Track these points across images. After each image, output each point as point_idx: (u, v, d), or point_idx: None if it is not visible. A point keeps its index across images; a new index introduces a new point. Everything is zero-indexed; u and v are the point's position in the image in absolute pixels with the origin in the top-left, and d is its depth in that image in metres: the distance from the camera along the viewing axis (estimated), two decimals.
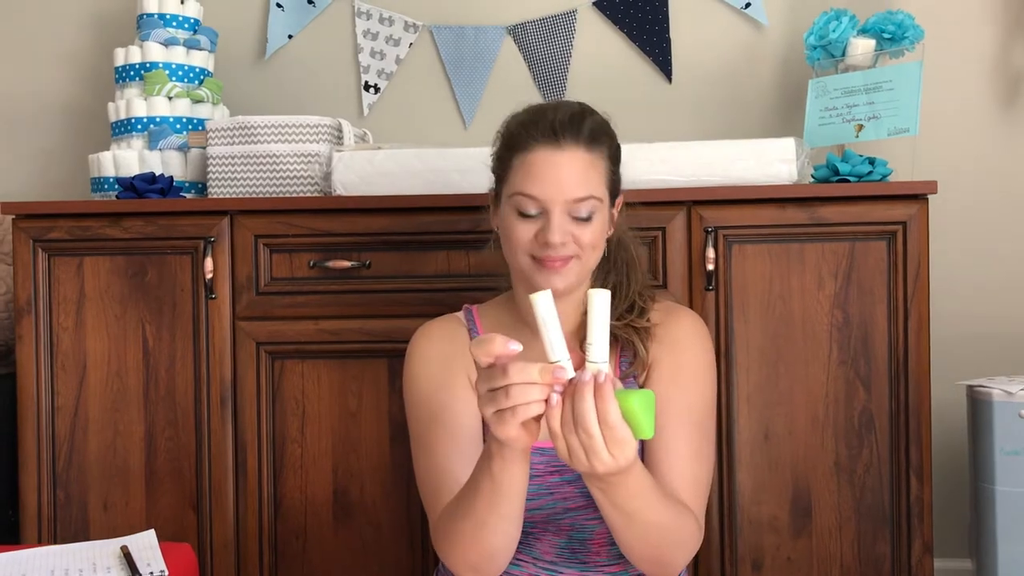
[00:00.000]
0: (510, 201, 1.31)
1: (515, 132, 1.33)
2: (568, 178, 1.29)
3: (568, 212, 1.29)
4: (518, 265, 1.33)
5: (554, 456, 1.30)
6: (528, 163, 1.30)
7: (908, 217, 1.70)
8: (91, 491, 1.82)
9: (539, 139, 1.30)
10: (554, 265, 1.30)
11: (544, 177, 1.28)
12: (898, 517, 1.71)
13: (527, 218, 1.30)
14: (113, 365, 1.81)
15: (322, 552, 1.80)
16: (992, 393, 1.75)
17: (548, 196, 1.28)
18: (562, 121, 1.30)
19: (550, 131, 1.29)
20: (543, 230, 1.29)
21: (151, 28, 2.09)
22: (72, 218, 1.82)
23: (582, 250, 1.31)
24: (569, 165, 1.29)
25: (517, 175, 1.31)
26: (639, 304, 1.40)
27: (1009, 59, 2.18)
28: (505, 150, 1.35)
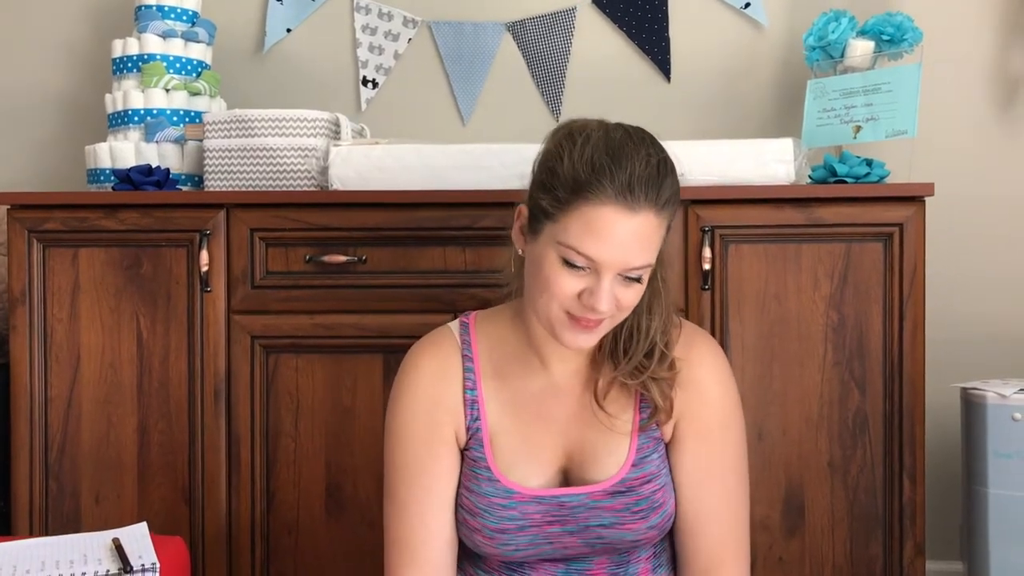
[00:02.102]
0: (557, 248, 1.17)
1: (584, 175, 1.16)
2: (632, 245, 1.16)
3: (620, 274, 1.18)
4: (546, 313, 1.20)
5: (552, 505, 1.25)
6: (593, 218, 1.15)
7: (905, 219, 1.70)
8: (83, 483, 1.81)
9: (612, 195, 1.14)
10: (588, 325, 1.19)
11: (608, 240, 1.15)
12: (891, 518, 1.71)
13: (572, 270, 1.17)
14: (107, 357, 1.81)
15: (314, 547, 1.79)
16: (986, 396, 1.75)
17: (606, 260, 1.15)
18: (642, 179, 1.15)
19: (627, 189, 1.14)
20: (589, 292, 1.17)
21: (149, 20, 2.08)
22: (68, 209, 1.81)
23: (620, 312, 1.21)
24: (639, 231, 1.16)
25: (575, 225, 1.16)
26: (660, 348, 1.27)
27: (1007, 63, 2.19)
28: (566, 189, 1.17)
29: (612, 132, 1.21)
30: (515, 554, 1.27)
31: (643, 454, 1.28)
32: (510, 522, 1.25)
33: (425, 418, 1.29)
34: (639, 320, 1.27)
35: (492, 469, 1.27)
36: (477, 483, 1.27)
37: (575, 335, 1.20)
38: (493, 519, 1.25)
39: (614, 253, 1.15)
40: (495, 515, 1.25)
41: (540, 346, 1.30)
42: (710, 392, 1.30)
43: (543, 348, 1.30)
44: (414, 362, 1.33)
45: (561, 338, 1.21)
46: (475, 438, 1.29)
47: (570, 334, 1.20)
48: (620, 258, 1.16)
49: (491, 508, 1.26)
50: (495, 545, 1.26)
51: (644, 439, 1.28)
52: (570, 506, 1.26)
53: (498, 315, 1.36)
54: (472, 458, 1.29)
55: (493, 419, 1.29)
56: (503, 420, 1.30)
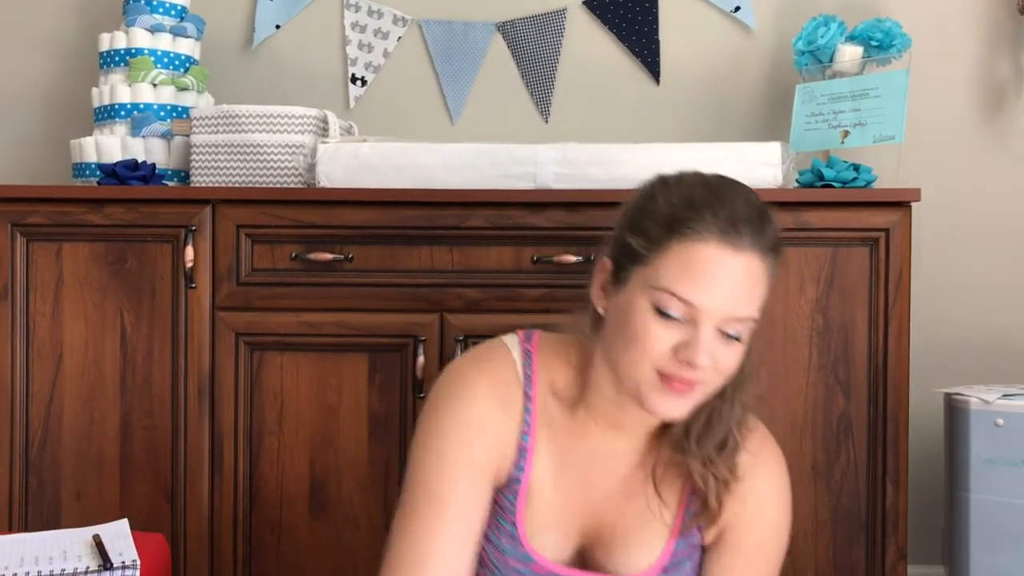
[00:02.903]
0: (650, 294, 1.06)
1: (682, 211, 1.07)
2: (738, 290, 1.05)
3: (720, 328, 1.06)
4: (634, 375, 1.08)
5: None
6: (694, 258, 1.04)
7: (891, 224, 1.70)
8: (64, 479, 1.80)
9: (715, 230, 1.04)
10: (681, 389, 1.06)
11: (711, 282, 1.04)
12: (873, 522, 1.72)
13: (667, 321, 1.05)
14: (90, 353, 1.80)
15: (297, 546, 1.78)
16: (969, 401, 1.76)
17: (708, 307, 1.04)
18: (746, 216, 1.06)
19: (730, 224, 1.05)
20: (686, 345, 1.05)
21: (137, 14, 2.07)
22: (52, 203, 1.80)
23: (716, 376, 1.08)
24: (743, 274, 1.05)
25: (672, 266, 1.05)
26: (733, 439, 1.15)
27: (993, 70, 2.20)
28: (659, 228, 1.07)
29: (707, 176, 1.14)
30: None
31: (678, 559, 1.18)
32: None
33: (473, 449, 1.14)
34: (720, 406, 1.15)
35: (518, 527, 1.16)
36: (497, 536, 1.16)
37: (665, 400, 1.07)
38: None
39: (716, 297, 1.04)
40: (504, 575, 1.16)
41: (603, 408, 1.17)
42: (768, 509, 1.19)
43: (606, 411, 1.17)
44: (471, 386, 1.16)
45: (649, 403, 1.08)
46: (511, 488, 1.16)
47: (660, 398, 1.07)
48: (722, 304, 1.04)
49: (504, 567, 1.16)
50: None
51: (682, 544, 1.18)
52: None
53: (564, 351, 1.20)
54: (501, 506, 1.17)
55: (537, 475, 1.16)
56: (545, 478, 1.17)
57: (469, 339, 1.74)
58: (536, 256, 1.74)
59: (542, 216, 1.74)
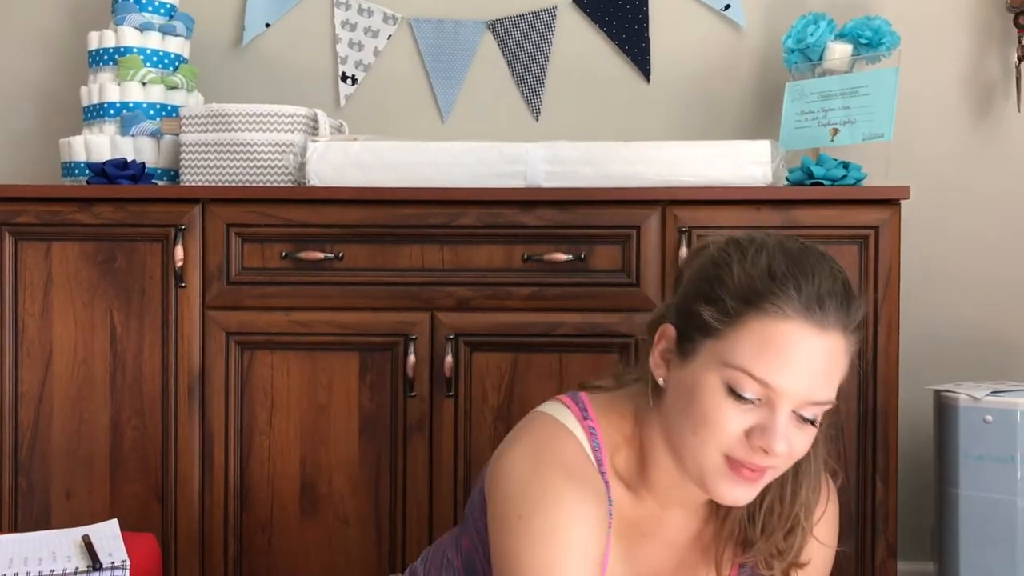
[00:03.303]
0: (722, 372, 0.98)
1: (762, 284, 0.98)
2: (819, 372, 0.97)
3: (796, 410, 0.98)
4: (700, 459, 1.00)
5: None
6: (775, 335, 0.96)
7: (880, 222, 1.71)
8: (54, 479, 1.79)
9: (799, 308, 0.96)
10: (751, 477, 0.99)
11: (792, 363, 0.96)
12: (863, 519, 1.72)
13: (740, 403, 0.98)
14: (80, 352, 1.79)
15: (288, 545, 1.78)
16: (959, 398, 1.77)
17: (788, 389, 0.96)
18: (831, 292, 0.98)
19: (815, 301, 0.97)
20: (761, 430, 0.97)
21: (126, 12, 2.06)
22: (41, 202, 1.79)
23: (788, 461, 1.01)
24: (826, 356, 0.97)
25: (749, 344, 0.97)
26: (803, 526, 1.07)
27: (982, 68, 2.20)
28: (738, 299, 0.99)
29: (788, 242, 1.04)
30: None
31: None
32: None
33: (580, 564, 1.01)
34: (784, 491, 1.07)
35: None
36: None
37: (732, 487, 0.99)
38: None
39: (796, 380, 0.96)
40: None
41: (664, 487, 1.09)
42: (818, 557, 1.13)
43: (667, 490, 1.09)
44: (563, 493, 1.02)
45: (713, 490, 1.00)
46: None
47: (727, 486, 0.99)
48: (802, 387, 0.96)
49: None
50: None
51: None
52: None
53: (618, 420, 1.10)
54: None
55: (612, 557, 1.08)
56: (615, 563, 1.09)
57: (460, 337, 1.74)
58: (527, 254, 1.74)
59: (532, 214, 1.74)
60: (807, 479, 1.07)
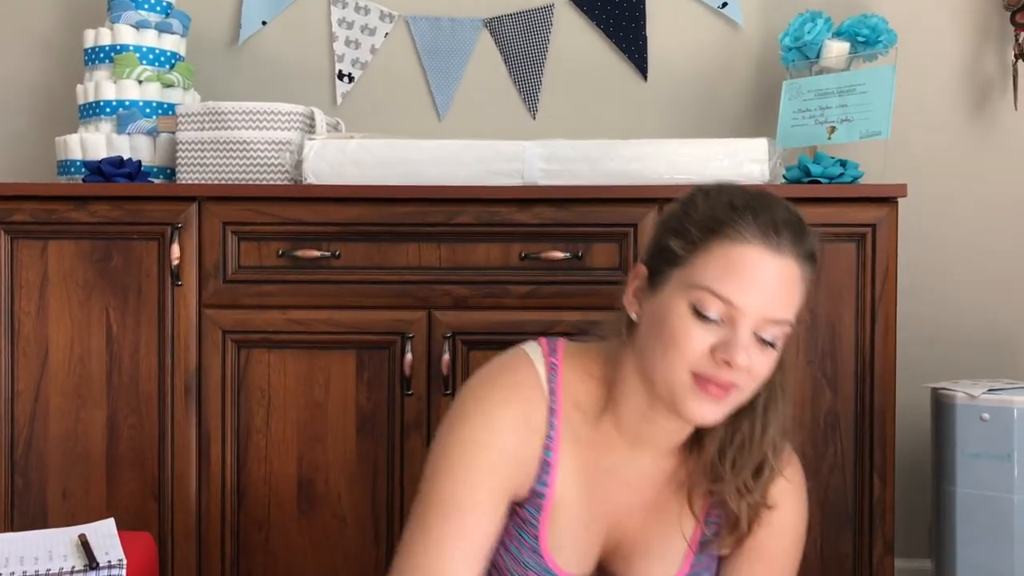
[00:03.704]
0: (688, 294, 1.07)
1: (722, 214, 1.09)
2: (776, 291, 1.06)
3: (756, 330, 1.07)
4: (669, 378, 1.08)
5: None
6: (734, 258, 1.06)
7: (878, 220, 1.71)
8: (50, 478, 1.79)
9: (756, 232, 1.06)
10: (717, 393, 1.07)
11: (751, 282, 1.05)
12: (861, 517, 1.72)
13: (705, 322, 1.06)
14: (76, 351, 1.79)
15: (285, 543, 1.78)
16: (956, 396, 1.77)
17: (748, 306, 1.05)
18: (787, 222, 1.09)
19: (771, 228, 1.07)
20: (724, 345, 1.05)
21: (122, 10, 2.06)
22: (37, 201, 1.79)
23: (751, 381, 1.08)
24: (781, 277, 1.07)
25: (712, 267, 1.06)
26: (769, 466, 1.15)
27: (979, 66, 2.21)
28: (699, 230, 1.09)
29: (746, 186, 1.16)
30: None
31: (695, 572, 1.20)
32: None
33: (491, 466, 1.13)
34: (754, 427, 1.15)
35: (540, 542, 1.15)
36: (519, 548, 1.16)
37: (700, 404, 1.07)
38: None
39: (755, 298, 1.05)
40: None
41: (630, 421, 1.16)
42: (787, 527, 1.21)
43: (634, 424, 1.16)
44: (493, 403, 1.15)
45: (684, 408, 1.08)
46: (534, 502, 1.16)
47: (695, 402, 1.07)
48: (761, 305, 1.05)
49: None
50: None
51: (700, 557, 1.20)
52: None
53: (590, 363, 1.19)
54: (523, 519, 1.16)
55: (561, 490, 1.16)
56: (571, 493, 1.16)
57: (457, 336, 1.74)
58: (524, 253, 1.74)
59: (530, 213, 1.74)
60: (775, 419, 1.15)
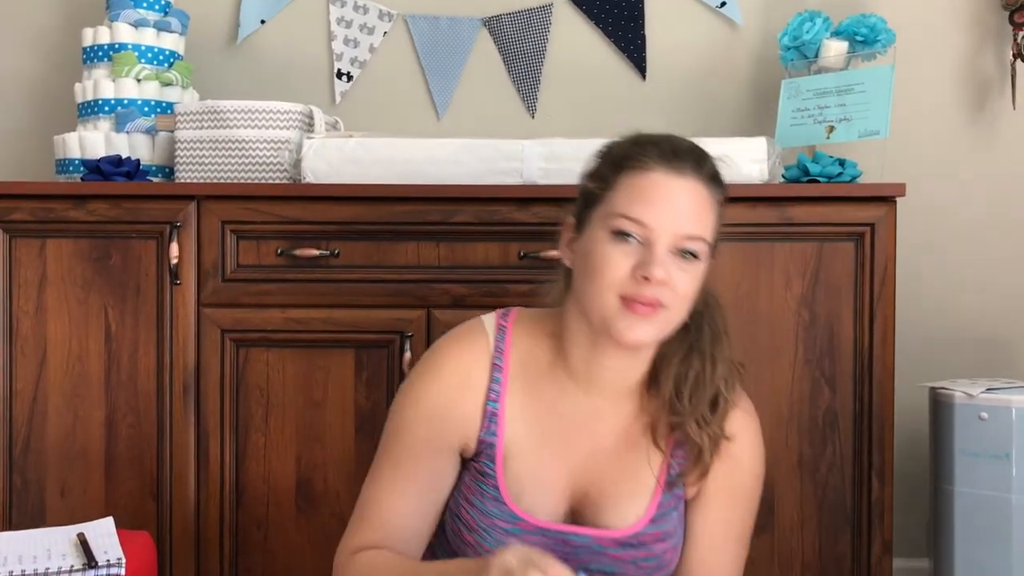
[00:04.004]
0: (607, 223, 1.16)
1: (626, 150, 1.19)
2: (684, 208, 1.14)
3: (673, 248, 1.14)
4: (600, 305, 1.15)
5: (557, 540, 1.20)
6: (640, 183, 1.15)
7: (876, 219, 1.71)
8: (49, 477, 1.79)
9: (657, 159, 1.15)
10: (644, 311, 1.13)
11: (658, 201, 1.14)
12: (859, 516, 1.72)
13: (624, 244, 1.14)
14: (74, 350, 1.79)
15: (284, 542, 1.78)
16: (954, 395, 1.77)
17: (659, 224, 1.13)
18: (685, 148, 1.18)
19: (671, 153, 1.16)
20: (643, 263, 1.13)
21: (121, 8, 2.06)
22: (36, 199, 1.79)
23: (675, 299, 1.15)
24: (687, 195, 1.15)
25: (623, 195, 1.15)
26: (724, 396, 1.22)
27: (978, 65, 2.21)
28: (609, 168, 1.19)
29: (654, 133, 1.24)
30: None
31: (664, 511, 1.24)
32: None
33: (431, 422, 1.23)
34: (704, 363, 1.22)
35: (501, 491, 1.21)
36: (481, 500, 1.22)
37: (630, 324, 1.14)
38: (491, 540, 1.20)
39: (665, 215, 1.14)
40: (494, 536, 1.20)
41: (579, 370, 1.23)
42: (745, 463, 1.26)
43: (581, 372, 1.23)
44: (438, 359, 1.26)
45: (615, 330, 1.14)
46: (487, 453, 1.22)
47: (626, 323, 1.14)
48: (671, 221, 1.14)
49: (491, 529, 1.21)
50: None
51: (668, 496, 1.24)
52: (575, 545, 1.21)
53: (541, 322, 1.28)
54: (481, 472, 1.23)
55: (512, 438, 1.22)
56: (523, 440, 1.23)
57: None
58: (523, 252, 1.74)
59: (529, 212, 1.74)
60: (722, 357, 1.23)
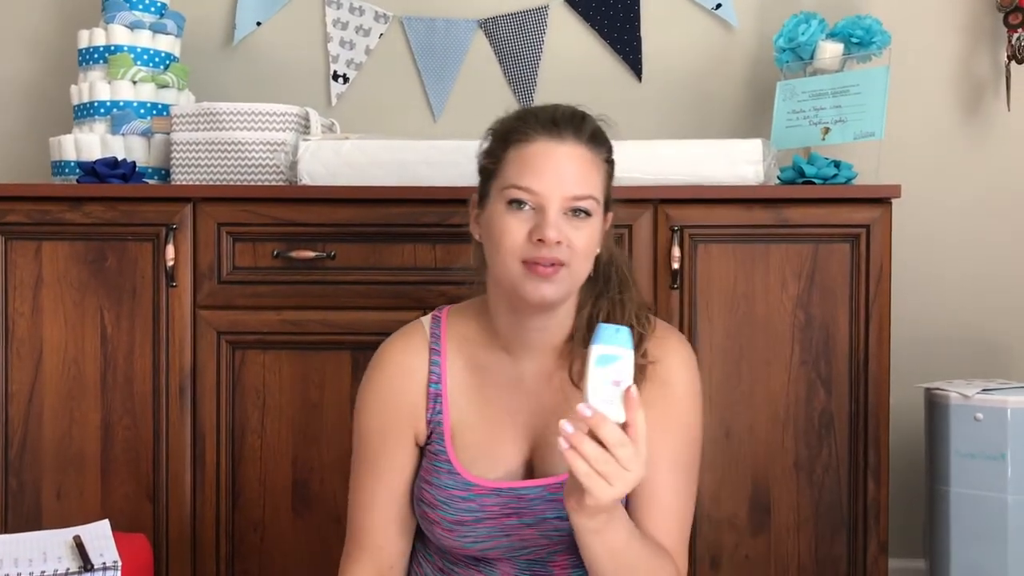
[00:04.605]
0: (501, 195, 1.22)
1: (511, 125, 1.26)
2: (569, 172, 1.21)
3: (565, 209, 1.21)
4: (506, 272, 1.22)
5: (511, 497, 1.26)
6: (526, 154, 1.22)
7: (872, 220, 1.71)
8: (45, 479, 1.79)
9: (539, 130, 1.22)
10: (546, 271, 1.20)
11: (543, 168, 1.20)
12: (855, 517, 1.73)
13: (519, 212, 1.21)
14: (70, 352, 1.78)
15: (280, 544, 1.78)
16: (949, 396, 1.78)
17: (546, 190, 1.20)
18: (564, 115, 1.24)
19: (551, 123, 1.23)
20: (538, 227, 1.19)
21: (116, 10, 2.06)
22: (31, 201, 1.79)
23: (574, 256, 1.21)
24: (570, 159, 1.22)
25: (512, 167, 1.22)
26: (637, 330, 1.27)
27: (972, 66, 2.21)
28: (498, 143, 1.26)
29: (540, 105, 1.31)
30: (474, 546, 1.27)
31: None
32: (468, 514, 1.26)
33: (383, 413, 1.32)
34: (614, 304, 1.30)
35: (453, 463, 1.28)
36: (437, 476, 1.28)
37: (536, 285, 1.20)
38: (451, 511, 1.26)
39: (551, 180, 1.20)
40: (453, 507, 1.26)
41: (508, 337, 1.30)
42: (676, 386, 1.31)
43: (511, 339, 1.30)
44: (380, 356, 1.35)
45: (523, 292, 1.21)
46: (436, 432, 1.30)
47: (531, 284, 1.20)
48: (558, 185, 1.20)
49: (450, 500, 1.27)
50: (454, 537, 1.27)
51: None
52: (528, 498, 1.26)
53: (470, 308, 1.36)
54: (433, 452, 1.30)
55: (456, 413, 1.30)
56: (467, 414, 1.30)
57: None
58: None
59: None
60: (630, 299, 1.31)
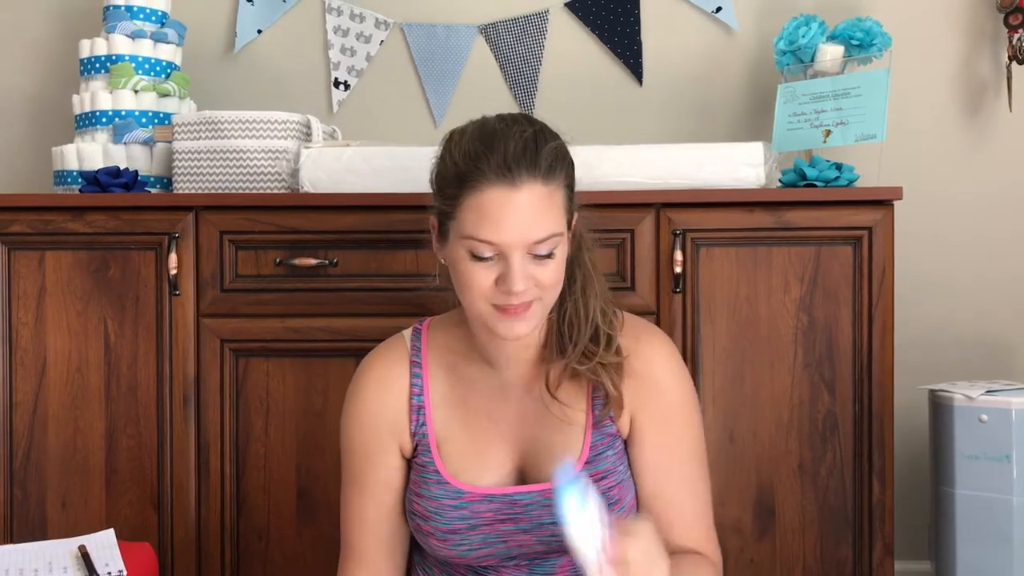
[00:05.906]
0: (462, 244, 1.19)
1: (463, 166, 1.19)
2: (526, 220, 1.17)
3: (528, 252, 1.18)
4: (476, 311, 1.21)
5: (504, 503, 1.25)
6: (481, 205, 1.17)
7: (874, 222, 1.71)
8: (49, 489, 1.79)
9: (491, 177, 1.16)
10: (517, 311, 1.19)
11: (500, 221, 1.16)
12: (860, 519, 1.72)
13: (483, 262, 1.18)
14: (74, 361, 1.79)
15: (285, 552, 1.78)
16: (953, 397, 1.77)
17: (507, 240, 1.16)
18: (516, 154, 1.17)
19: (504, 167, 1.16)
20: (503, 277, 1.17)
21: (118, 20, 2.06)
22: (34, 211, 1.79)
23: (544, 291, 1.20)
24: (527, 205, 1.17)
25: (469, 217, 1.18)
26: (604, 330, 1.27)
27: (974, 68, 2.21)
28: (452, 184, 1.20)
29: (486, 122, 1.25)
30: (469, 554, 1.27)
31: (597, 451, 1.27)
32: (461, 522, 1.25)
33: (365, 428, 1.31)
34: (577, 306, 1.28)
35: (441, 472, 1.27)
36: (427, 487, 1.28)
37: (509, 324, 1.19)
38: (444, 520, 1.26)
39: (510, 232, 1.16)
40: (446, 516, 1.26)
41: (485, 347, 1.30)
42: (664, 382, 1.29)
43: (488, 349, 1.30)
44: (360, 372, 1.35)
45: (496, 331, 1.21)
46: (422, 444, 1.30)
47: (503, 325, 1.20)
48: (518, 235, 1.16)
49: (441, 510, 1.26)
50: (449, 547, 1.26)
51: (598, 436, 1.28)
52: (523, 504, 1.26)
53: (449, 319, 1.36)
54: (420, 464, 1.29)
55: (440, 424, 1.30)
56: (452, 424, 1.30)
57: None
58: None
59: None
60: (593, 295, 1.28)
